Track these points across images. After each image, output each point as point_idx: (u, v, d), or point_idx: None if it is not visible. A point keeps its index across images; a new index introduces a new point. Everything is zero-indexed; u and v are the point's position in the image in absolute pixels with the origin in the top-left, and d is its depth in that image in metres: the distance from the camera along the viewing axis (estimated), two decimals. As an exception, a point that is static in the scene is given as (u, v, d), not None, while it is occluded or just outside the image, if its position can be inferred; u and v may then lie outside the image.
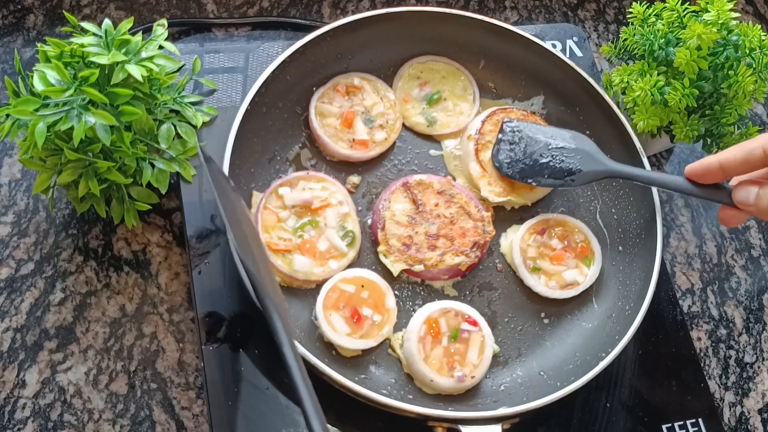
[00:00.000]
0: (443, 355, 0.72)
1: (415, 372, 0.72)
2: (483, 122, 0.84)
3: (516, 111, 0.85)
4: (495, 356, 0.75)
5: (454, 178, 0.84)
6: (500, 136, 0.81)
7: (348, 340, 0.71)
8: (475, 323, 0.73)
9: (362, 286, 0.73)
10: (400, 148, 0.85)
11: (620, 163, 0.79)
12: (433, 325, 0.72)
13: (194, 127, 0.78)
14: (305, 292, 0.75)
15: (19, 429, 0.70)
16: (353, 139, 0.82)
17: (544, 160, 0.79)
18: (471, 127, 0.84)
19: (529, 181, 0.79)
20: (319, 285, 0.74)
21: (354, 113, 0.82)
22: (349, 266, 0.76)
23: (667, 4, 0.83)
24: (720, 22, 0.78)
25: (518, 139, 0.81)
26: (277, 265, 0.73)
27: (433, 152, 0.86)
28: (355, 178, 0.82)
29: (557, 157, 0.79)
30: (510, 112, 0.85)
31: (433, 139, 0.86)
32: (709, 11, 0.79)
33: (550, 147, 0.79)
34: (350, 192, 0.81)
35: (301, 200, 0.76)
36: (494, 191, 0.81)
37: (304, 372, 0.55)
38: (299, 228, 0.75)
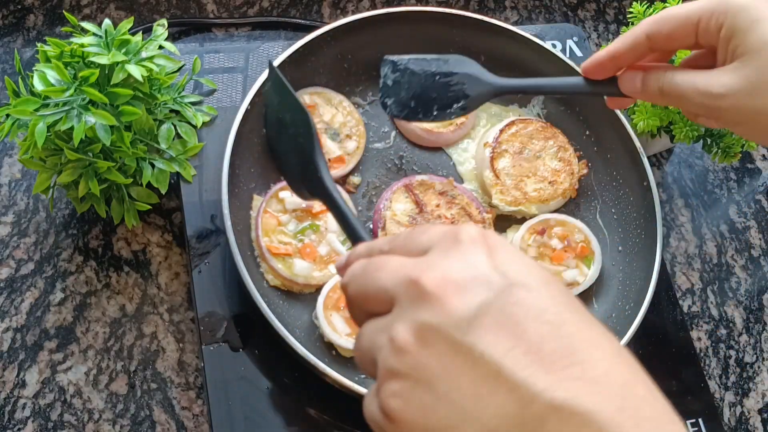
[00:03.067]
0: (443, 355, 0.72)
1: (415, 372, 0.72)
2: (501, 131, 0.84)
3: (535, 122, 0.85)
4: (495, 356, 0.75)
5: (461, 181, 0.84)
6: (383, 78, 0.73)
7: (348, 341, 0.71)
8: (475, 323, 0.73)
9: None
10: (400, 147, 0.85)
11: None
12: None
13: (194, 127, 0.78)
14: (306, 295, 0.75)
15: (19, 429, 0.70)
16: (329, 159, 0.80)
17: (430, 95, 0.72)
18: (489, 135, 0.84)
19: (420, 118, 0.73)
20: (319, 289, 0.74)
21: (318, 132, 0.79)
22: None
23: (667, 4, 0.83)
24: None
25: (402, 76, 0.73)
26: (278, 269, 0.73)
27: (433, 152, 0.86)
28: (355, 179, 0.82)
29: (443, 89, 0.72)
30: (529, 122, 0.85)
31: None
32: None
33: (435, 79, 0.72)
34: (350, 192, 0.81)
35: (302, 204, 0.76)
36: (505, 200, 0.81)
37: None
38: (300, 232, 0.75)
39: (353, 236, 0.52)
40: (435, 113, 0.72)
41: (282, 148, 0.68)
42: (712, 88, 0.54)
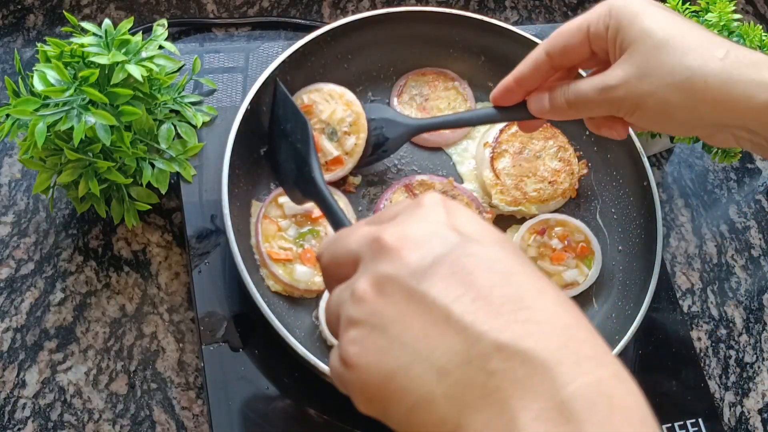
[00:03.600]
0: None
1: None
2: (501, 131, 0.84)
3: None
4: (495, 356, 0.75)
5: (461, 181, 0.84)
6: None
7: None
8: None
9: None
10: (400, 148, 0.85)
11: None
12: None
13: (194, 127, 0.78)
14: (306, 299, 0.75)
15: (19, 429, 0.70)
16: (326, 162, 0.79)
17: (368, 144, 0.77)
18: (489, 135, 0.84)
19: (362, 165, 0.77)
20: (320, 294, 0.74)
21: (316, 136, 0.78)
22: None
23: (667, 4, 0.83)
24: (722, 23, 0.78)
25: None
26: (279, 274, 0.73)
27: (433, 152, 0.86)
28: (355, 179, 0.82)
29: (371, 138, 0.76)
30: None
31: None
32: (710, 11, 0.79)
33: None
34: (350, 192, 0.81)
35: (301, 210, 0.76)
36: (505, 200, 0.81)
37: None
38: (300, 237, 0.75)
39: (339, 227, 0.56)
40: (360, 159, 0.76)
41: (281, 157, 0.75)
42: (608, 81, 0.58)
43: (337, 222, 0.60)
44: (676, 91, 0.55)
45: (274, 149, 0.77)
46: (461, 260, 0.35)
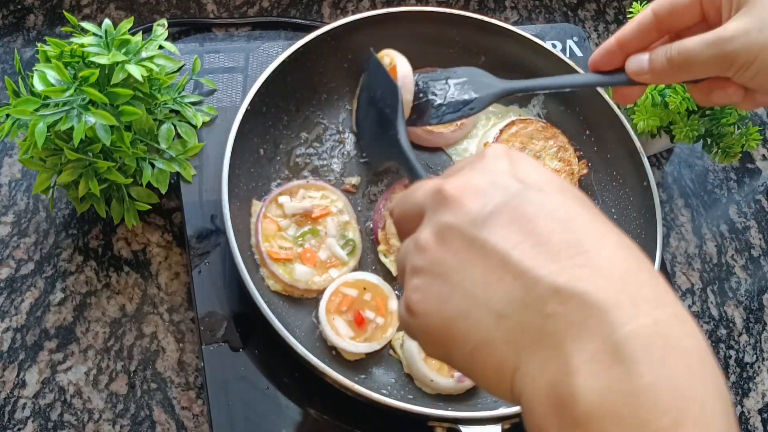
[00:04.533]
0: (443, 355, 0.72)
1: (416, 372, 0.72)
2: (501, 131, 0.84)
3: (535, 122, 0.85)
4: (495, 356, 0.75)
5: None
6: (416, 101, 0.77)
7: (352, 344, 0.71)
8: (475, 323, 0.73)
9: (364, 289, 0.73)
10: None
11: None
12: (433, 325, 0.72)
13: (194, 127, 0.78)
14: (306, 299, 0.75)
15: (19, 429, 0.70)
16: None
17: (444, 101, 0.76)
18: (489, 135, 0.84)
19: (433, 121, 0.76)
20: (320, 293, 0.74)
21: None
22: (350, 274, 0.76)
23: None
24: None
25: (425, 93, 0.77)
26: (278, 273, 0.73)
27: (433, 152, 0.86)
28: (354, 179, 0.82)
29: (455, 94, 0.75)
30: (530, 122, 0.85)
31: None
32: (709, 11, 0.79)
33: (447, 87, 0.76)
34: (350, 192, 0.81)
35: (301, 209, 0.76)
36: None
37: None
38: (299, 237, 0.75)
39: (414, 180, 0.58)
40: (445, 116, 0.75)
41: (368, 122, 0.80)
42: (722, 34, 0.55)
43: (418, 179, 0.62)
44: None
45: (361, 116, 0.82)
46: (522, 208, 0.35)
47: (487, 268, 0.35)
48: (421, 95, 0.77)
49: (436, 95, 0.76)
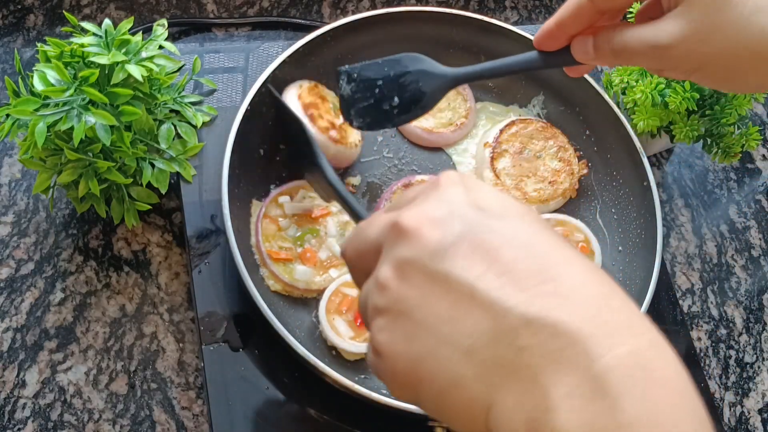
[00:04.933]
0: (443, 355, 0.71)
1: (415, 372, 0.71)
2: (501, 131, 0.84)
3: (535, 122, 0.85)
4: (495, 356, 0.75)
5: None
6: (340, 91, 0.69)
7: (352, 344, 0.71)
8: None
9: (364, 288, 0.73)
10: (400, 148, 0.85)
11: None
12: (433, 325, 0.72)
13: (194, 127, 0.78)
14: (306, 299, 0.75)
15: (19, 429, 0.70)
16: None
17: (389, 99, 0.68)
18: (489, 135, 0.84)
19: (384, 124, 0.70)
20: (320, 294, 0.74)
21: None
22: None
23: (667, 4, 0.83)
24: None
25: (358, 86, 0.69)
26: (278, 273, 0.73)
27: (433, 152, 0.86)
28: (354, 179, 0.82)
29: (400, 90, 0.69)
30: (530, 122, 0.85)
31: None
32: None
33: (390, 82, 0.69)
34: (350, 192, 0.81)
35: (301, 209, 0.76)
36: None
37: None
38: (300, 237, 0.75)
39: (354, 215, 0.55)
40: (397, 117, 0.69)
41: (297, 159, 0.75)
42: (659, 39, 0.52)
43: (359, 218, 0.59)
44: (748, 53, 0.50)
45: (289, 151, 0.78)
46: (482, 236, 0.34)
47: (452, 302, 0.33)
48: (368, 95, 0.68)
49: (384, 95, 0.68)
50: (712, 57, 0.51)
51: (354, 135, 0.81)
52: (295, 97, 0.78)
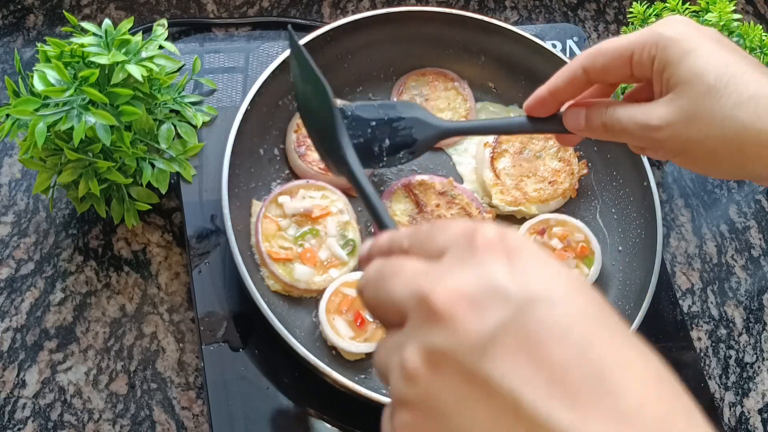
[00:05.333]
0: (443, 355, 0.71)
1: (415, 372, 0.71)
2: None
3: None
4: (495, 356, 0.75)
5: (461, 181, 0.84)
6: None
7: (352, 344, 0.71)
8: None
9: (364, 288, 0.73)
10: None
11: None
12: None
13: (194, 127, 0.78)
14: (306, 299, 0.75)
15: (19, 429, 0.70)
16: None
17: (380, 140, 0.69)
18: (489, 135, 0.84)
19: (370, 164, 0.71)
20: (320, 293, 0.74)
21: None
22: (350, 274, 0.76)
23: (667, 4, 0.83)
24: (721, 23, 0.78)
25: (350, 123, 0.68)
26: (279, 273, 0.73)
27: (433, 152, 0.86)
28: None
29: (392, 134, 0.69)
30: None
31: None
32: (710, 11, 0.79)
33: (383, 125, 0.69)
34: (351, 195, 0.81)
35: (301, 209, 0.76)
36: (506, 200, 0.81)
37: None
38: (299, 237, 0.75)
39: (378, 221, 0.50)
40: (384, 160, 0.70)
41: (309, 120, 0.66)
42: (650, 120, 0.55)
43: (377, 218, 0.52)
44: (725, 143, 0.52)
45: (301, 108, 0.67)
46: (528, 328, 0.30)
47: (494, 412, 0.29)
48: (359, 133, 0.68)
49: (376, 136, 0.69)
50: (694, 143, 0.54)
51: None
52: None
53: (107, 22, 0.70)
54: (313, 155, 0.80)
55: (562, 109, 0.63)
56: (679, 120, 0.54)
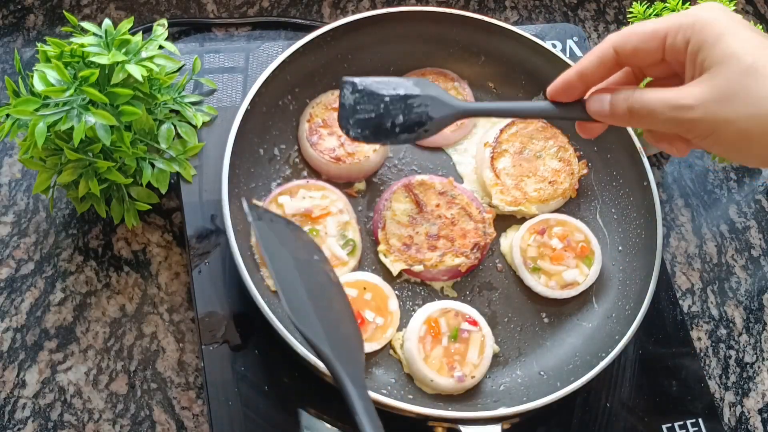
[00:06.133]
0: (443, 355, 0.72)
1: (416, 372, 0.72)
2: (501, 131, 0.84)
3: (535, 122, 0.85)
4: (495, 356, 0.75)
5: (461, 181, 0.84)
6: (342, 99, 0.67)
7: None
8: (475, 323, 0.73)
9: (364, 289, 0.73)
10: (400, 148, 0.85)
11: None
12: (433, 325, 0.72)
13: (194, 127, 0.78)
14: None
15: (19, 429, 0.70)
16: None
17: (393, 117, 0.68)
18: (489, 135, 0.84)
19: (382, 140, 0.69)
20: None
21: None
22: (350, 273, 0.76)
23: (667, 4, 0.83)
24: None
25: (362, 97, 0.67)
26: None
27: (433, 152, 0.86)
28: (360, 184, 0.82)
29: (406, 110, 0.68)
30: (530, 122, 0.85)
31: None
32: (709, 11, 0.79)
33: (398, 101, 0.68)
34: (352, 196, 0.81)
35: (301, 209, 0.76)
36: (506, 200, 0.81)
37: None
38: None
39: None
40: (398, 136, 0.68)
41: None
42: (683, 100, 0.54)
43: None
44: (758, 124, 0.52)
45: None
46: None
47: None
48: (370, 108, 0.67)
49: (389, 112, 0.67)
50: (727, 123, 0.53)
51: (364, 147, 0.80)
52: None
53: (107, 22, 0.70)
54: (325, 144, 0.80)
55: (586, 97, 0.62)
56: (713, 99, 0.53)
